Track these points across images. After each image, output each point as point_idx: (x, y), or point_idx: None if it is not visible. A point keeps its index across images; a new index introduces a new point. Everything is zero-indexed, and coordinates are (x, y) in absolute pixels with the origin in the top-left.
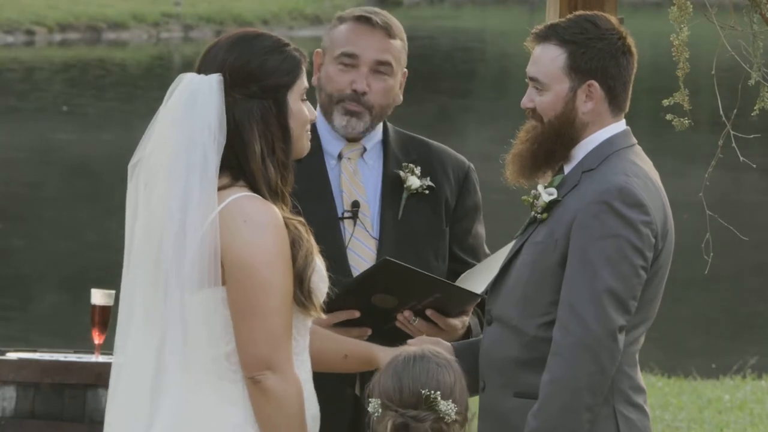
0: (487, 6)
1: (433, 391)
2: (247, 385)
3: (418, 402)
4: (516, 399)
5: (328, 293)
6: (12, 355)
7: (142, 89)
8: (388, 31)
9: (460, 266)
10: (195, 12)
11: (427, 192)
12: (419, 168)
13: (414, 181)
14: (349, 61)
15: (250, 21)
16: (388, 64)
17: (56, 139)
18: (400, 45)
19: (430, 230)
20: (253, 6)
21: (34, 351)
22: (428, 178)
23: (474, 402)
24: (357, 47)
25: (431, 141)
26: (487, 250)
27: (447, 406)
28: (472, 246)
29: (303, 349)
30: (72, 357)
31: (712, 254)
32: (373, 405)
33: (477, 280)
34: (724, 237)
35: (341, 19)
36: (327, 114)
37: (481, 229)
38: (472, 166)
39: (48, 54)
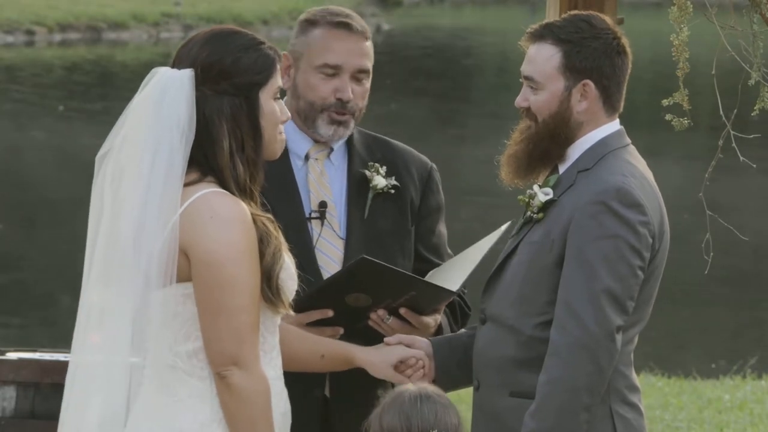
0: (487, 6)
1: None
2: (215, 380)
3: None
4: (511, 399)
5: (297, 291)
6: (12, 355)
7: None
8: (364, 34)
9: (424, 265)
10: (195, 12)
11: (392, 191)
12: (384, 167)
13: (380, 181)
14: (332, 71)
15: (250, 21)
16: (367, 70)
17: (55, 139)
18: (371, 44)
19: (396, 229)
20: (253, 6)
21: (34, 351)
22: (393, 178)
23: (468, 400)
24: (340, 57)
25: (394, 141)
26: (449, 250)
27: None
28: (436, 245)
29: (272, 346)
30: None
31: (712, 254)
32: None
33: (450, 277)
34: (725, 237)
35: (312, 23)
36: (307, 120)
37: (443, 228)
38: (434, 166)
39: (48, 54)
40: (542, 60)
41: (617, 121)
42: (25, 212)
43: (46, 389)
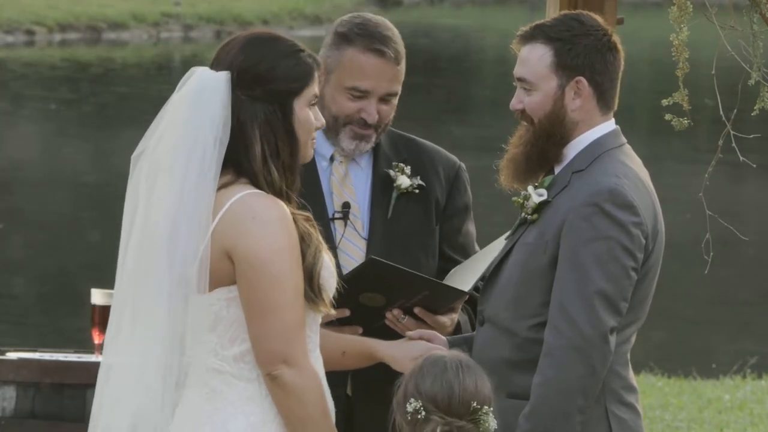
0: (487, 6)
1: (486, 406)
2: (265, 381)
3: (465, 413)
4: (509, 400)
5: (338, 288)
6: (12, 355)
7: (141, 89)
8: (397, 59)
9: (450, 265)
10: (195, 12)
11: (417, 191)
12: (409, 167)
13: (404, 181)
14: (360, 94)
15: (250, 21)
16: (396, 93)
17: (54, 138)
18: (404, 64)
19: (419, 229)
20: (253, 6)
21: (34, 351)
22: (418, 177)
23: None
24: (369, 83)
25: (422, 140)
26: (478, 249)
27: (493, 422)
28: (462, 245)
29: (315, 345)
30: (72, 357)
31: (712, 254)
32: (414, 406)
33: (464, 277)
34: (725, 237)
35: (347, 39)
36: (330, 131)
37: (471, 227)
38: (462, 165)
39: (48, 54)
40: (534, 60)
41: (612, 120)
42: (25, 211)
43: (46, 389)
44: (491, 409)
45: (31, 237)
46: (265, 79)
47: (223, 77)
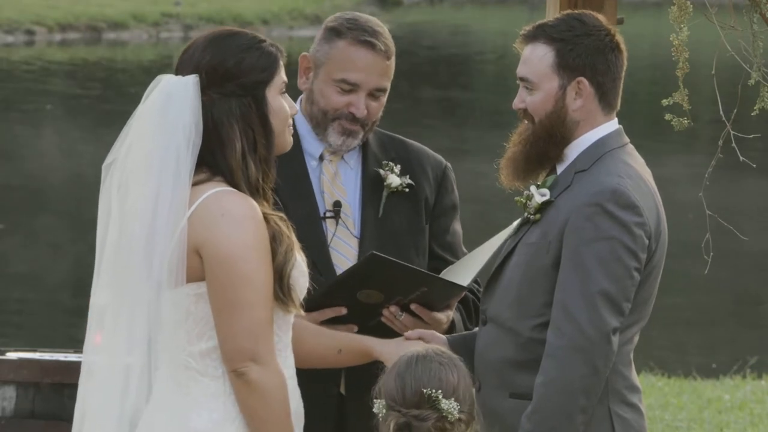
0: (487, 6)
1: (434, 390)
2: (231, 378)
3: (421, 401)
4: (512, 400)
5: (309, 289)
6: (12, 355)
7: (141, 89)
8: (387, 54)
9: (439, 263)
10: (195, 12)
11: (407, 190)
12: (398, 166)
13: (394, 179)
14: (349, 87)
15: (250, 21)
16: (385, 89)
17: (53, 139)
18: (393, 62)
19: (410, 227)
20: (253, 6)
21: (34, 351)
22: (407, 176)
23: None
24: (359, 76)
25: (409, 140)
26: (464, 249)
27: (449, 405)
28: (451, 244)
29: (285, 345)
30: (72, 357)
31: (712, 254)
32: (378, 406)
33: (462, 272)
34: (725, 237)
35: (338, 33)
36: (318, 126)
37: (458, 227)
38: (449, 165)
39: (48, 54)
40: (536, 60)
41: (615, 120)
42: (25, 211)
43: (46, 389)
44: (440, 392)
45: (31, 237)
46: (234, 74)
47: (190, 81)
